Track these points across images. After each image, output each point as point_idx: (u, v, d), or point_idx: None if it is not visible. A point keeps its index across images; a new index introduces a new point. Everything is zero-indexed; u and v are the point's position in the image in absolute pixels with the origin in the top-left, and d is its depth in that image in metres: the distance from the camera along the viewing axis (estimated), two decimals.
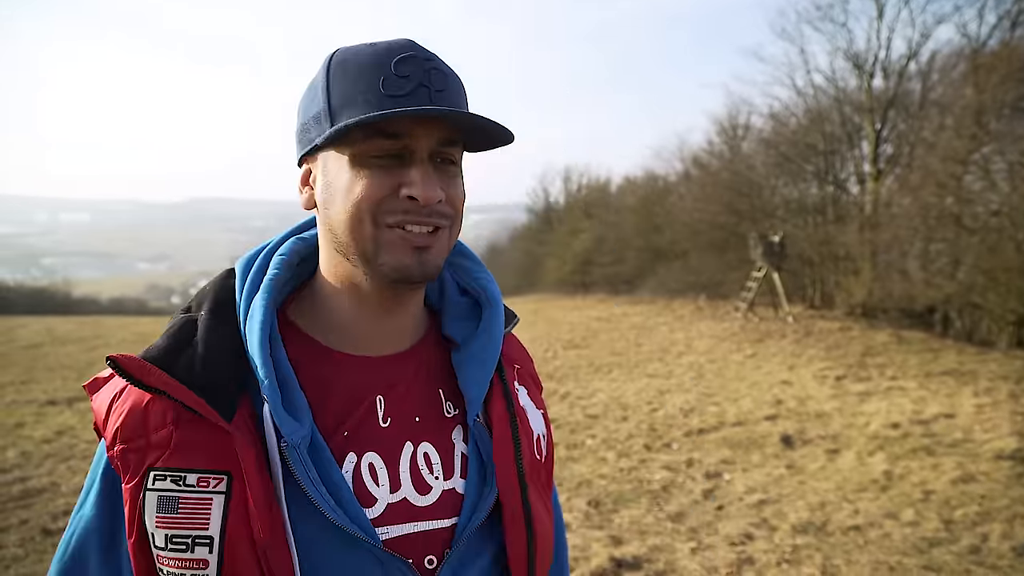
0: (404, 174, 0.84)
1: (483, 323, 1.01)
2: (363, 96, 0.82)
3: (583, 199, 36.64)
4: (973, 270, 12.94)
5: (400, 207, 0.83)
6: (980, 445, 6.08)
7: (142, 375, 0.81)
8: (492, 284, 1.06)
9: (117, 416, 0.83)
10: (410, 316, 0.98)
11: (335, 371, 0.92)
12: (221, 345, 0.86)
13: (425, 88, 0.83)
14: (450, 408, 0.97)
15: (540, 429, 1.05)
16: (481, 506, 0.91)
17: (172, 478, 0.80)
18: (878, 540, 4.33)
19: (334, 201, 0.86)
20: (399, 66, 0.83)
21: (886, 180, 17.67)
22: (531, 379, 1.11)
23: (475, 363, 0.97)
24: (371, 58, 0.84)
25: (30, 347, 13.22)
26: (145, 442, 0.81)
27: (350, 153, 0.84)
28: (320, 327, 0.95)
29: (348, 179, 0.84)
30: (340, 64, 0.86)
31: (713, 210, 20.77)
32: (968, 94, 14.18)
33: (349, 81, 0.84)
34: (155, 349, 0.85)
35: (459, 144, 0.88)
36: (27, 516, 4.75)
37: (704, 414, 7.42)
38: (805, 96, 20.31)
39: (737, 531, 4.50)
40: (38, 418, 7.48)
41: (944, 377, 8.91)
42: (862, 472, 5.57)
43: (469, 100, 0.92)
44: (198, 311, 0.91)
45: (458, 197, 0.89)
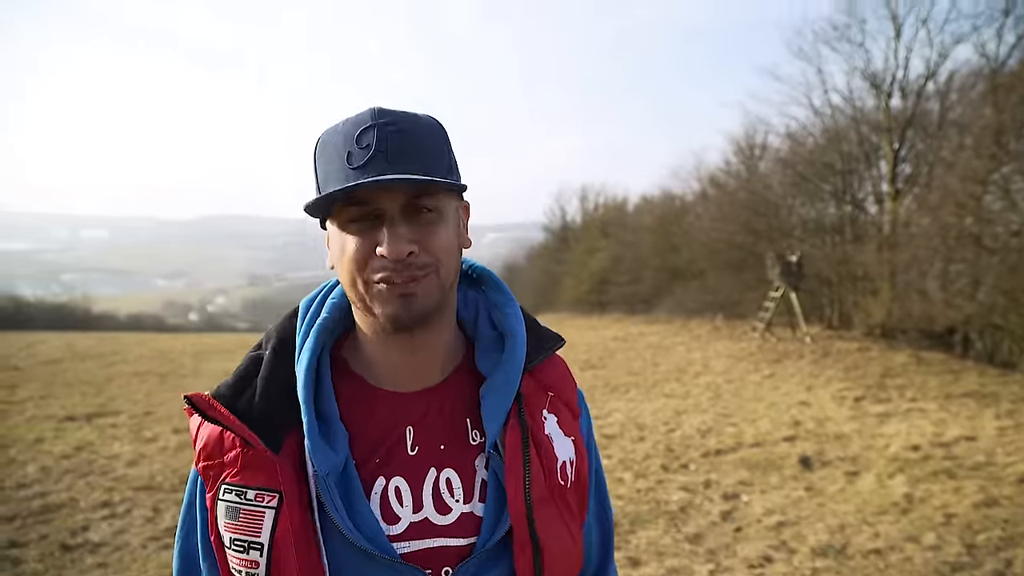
0: (378, 233, 0.93)
1: (504, 356, 1.08)
2: (336, 173, 0.93)
3: (600, 218, 36.65)
4: (994, 291, 12.81)
5: (378, 264, 0.93)
6: (1003, 468, 6.01)
7: (208, 410, 0.97)
8: (515, 317, 1.12)
9: (201, 439, 0.99)
10: (434, 353, 1.06)
11: (374, 405, 1.03)
12: (278, 383, 0.99)
13: (381, 154, 0.91)
14: (475, 436, 1.05)
15: (567, 455, 1.09)
16: (498, 530, 0.99)
17: (236, 492, 0.95)
18: (899, 564, 4.28)
19: (336, 264, 0.99)
20: (360, 138, 0.92)
21: (904, 200, 17.56)
22: (565, 406, 1.14)
23: (495, 395, 1.04)
24: (340, 136, 0.94)
25: (50, 362, 13.33)
26: (220, 461, 0.97)
27: (337, 222, 0.96)
28: (363, 365, 1.06)
29: (338, 245, 0.96)
30: (321, 147, 0.98)
31: (730, 230, 20.71)
32: (987, 114, 14.09)
33: (326, 159, 0.96)
34: (223, 386, 1.01)
35: (432, 192, 0.95)
36: (47, 531, 4.78)
37: (722, 435, 7.37)
38: (822, 116, 20.24)
39: (756, 553, 4.46)
40: (57, 433, 7.53)
41: (965, 399, 8.81)
42: (882, 495, 5.51)
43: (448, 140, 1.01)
44: (265, 349, 1.06)
45: (437, 244, 0.95)
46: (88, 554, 4.45)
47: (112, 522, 4.99)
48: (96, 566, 4.28)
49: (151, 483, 5.85)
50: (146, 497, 5.52)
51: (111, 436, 7.46)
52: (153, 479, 5.95)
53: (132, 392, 10.17)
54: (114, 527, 4.89)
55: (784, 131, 22.21)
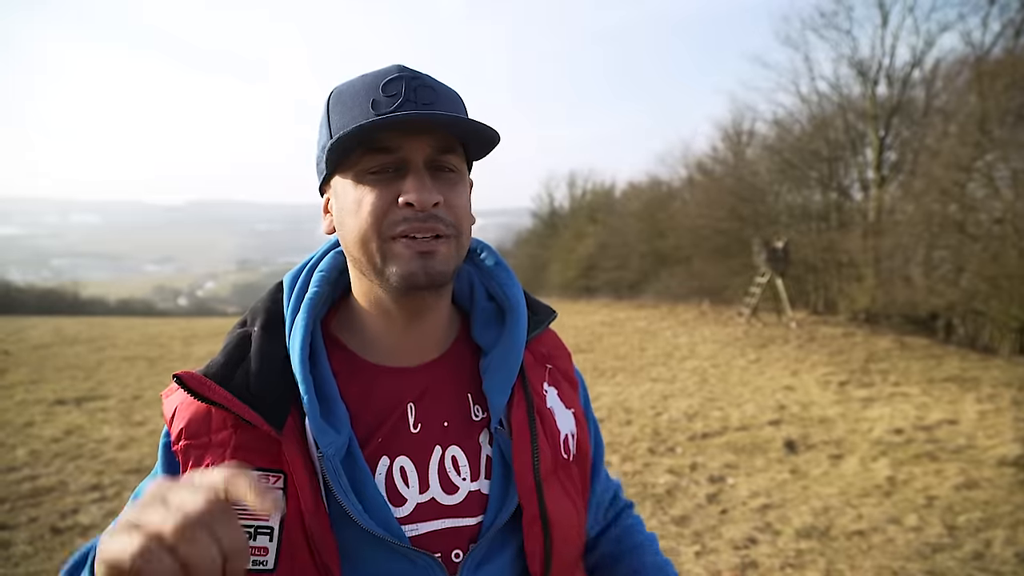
0: (401, 184, 0.89)
1: (506, 330, 1.05)
2: (355, 121, 0.88)
3: (588, 204, 36.66)
4: (976, 277, 12.95)
5: (400, 216, 0.88)
6: (983, 451, 6.10)
7: (202, 390, 0.89)
8: (514, 289, 1.10)
9: (183, 418, 0.92)
10: (435, 326, 1.03)
11: (372, 382, 0.99)
12: (272, 360, 0.93)
13: (411, 103, 0.88)
14: (478, 412, 1.02)
15: (569, 428, 1.09)
16: (506, 507, 0.97)
17: None
18: (881, 545, 4.35)
19: (345, 222, 0.92)
20: (387, 87, 0.89)
21: (889, 187, 17.69)
22: (564, 377, 1.14)
23: (498, 370, 1.02)
24: (362, 86, 0.91)
25: (39, 347, 13.27)
26: (207, 440, 0.90)
27: (352, 173, 0.90)
28: (357, 341, 1.02)
29: (353, 198, 0.90)
30: (337, 97, 0.93)
31: (717, 216, 20.81)
32: (972, 102, 14.20)
33: (344, 110, 0.91)
34: (214, 365, 0.93)
35: (456, 151, 0.92)
36: (36, 514, 4.79)
37: (708, 419, 7.44)
38: (809, 103, 20.38)
39: (741, 535, 4.52)
40: (47, 417, 7.52)
41: (947, 383, 8.92)
42: (865, 477, 5.59)
43: (468, 109, 0.97)
44: (252, 326, 1.00)
45: (459, 204, 0.93)
46: (78, 537, 4.46)
47: (102, 505, 5.00)
48: None
49: (140, 466, 5.86)
50: (136, 480, 5.52)
51: (101, 420, 7.46)
52: (143, 462, 5.96)
53: (122, 376, 10.15)
54: (104, 510, 4.90)
55: (771, 118, 22.36)
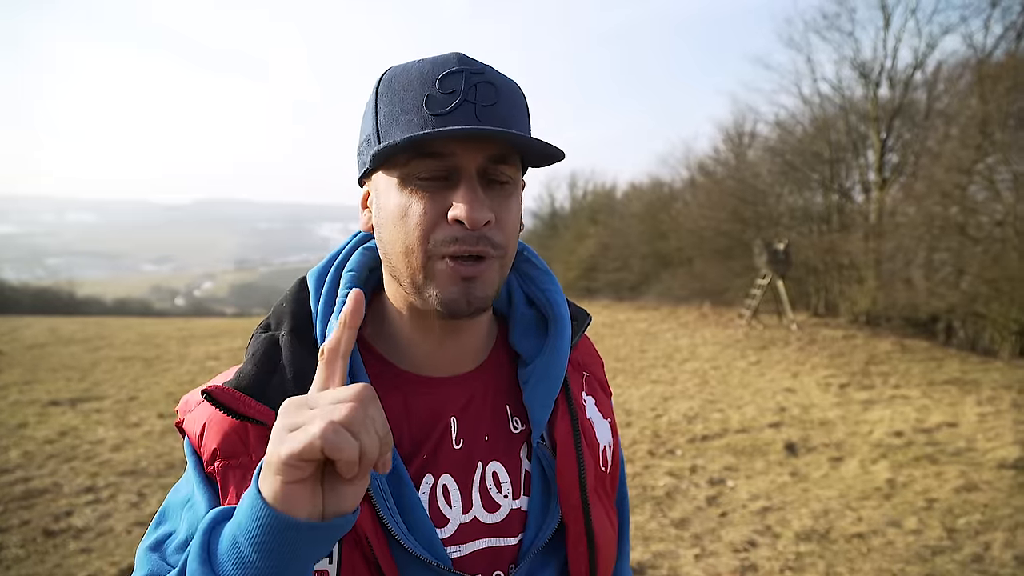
0: (451, 195, 0.81)
1: (549, 340, 0.99)
2: (406, 116, 0.80)
3: (589, 205, 36.62)
4: (977, 280, 12.92)
5: (450, 234, 0.80)
6: (983, 454, 6.07)
7: (236, 406, 0.82)
8: (558, 296, 1.03)
9: (215, 435, 0.85)
10: (475, 337, 0.96)
11: (410, 395, 0.91)
12: (307, 370, 0.85)
13: (470, 104, 0.80)
14: (517, 424, 0.96)
15: (606, 440, 1.04)
16: (546, 526, 0.92)
17: None
18: (881, 548, 4.32)
19: (387, 228, 0.85)
20: (444, 82, 0.80)
21: (891, 189, 17.67)
22: (600, 386, 1.10)
23: (540, 382, 0.95)
24: (417, 76, 0.82)
25: (34, 347, 13.23)
26: (248, 460, 0.83)
27: (397, 175, 0.82)
28: (391, 348, 0.94)
29: (397, 204, 0.82)
30: (388, 83, 0.84)
31: (718, 217, 20.80)
32: (973, 104, 14.19)
33: (395, 100, 0.82)
34: (245, 377, 0.85)
35: (511, 161, 0.84)
36: (29, 517, 4.76)
37: (708, 421, 7.41)
38: (811, 104, 20.35)
39: (741, 538, 4.49)
40: (41, 418, 7.49)
41: (947, 386, 8.89)
42: (865, 480, 5.56)
43: (528, 104, 0.89)
44: (279, 330, 0.91)
45: (510, 221, 0.85)
46: (71, 539, 4.43)
47: (96, 507, 4.96)
48: (79, 551, 4.26)
49: (136, 468, 5.83)
50: (131, 482, 5.49)
51: (95, 421, 7.42)
52: (138, 464, 5.93)
53: (117, 377, 10.12)
54: (98, 512, 4.87)
55: (773, 120, 22.32)
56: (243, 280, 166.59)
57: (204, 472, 0.86)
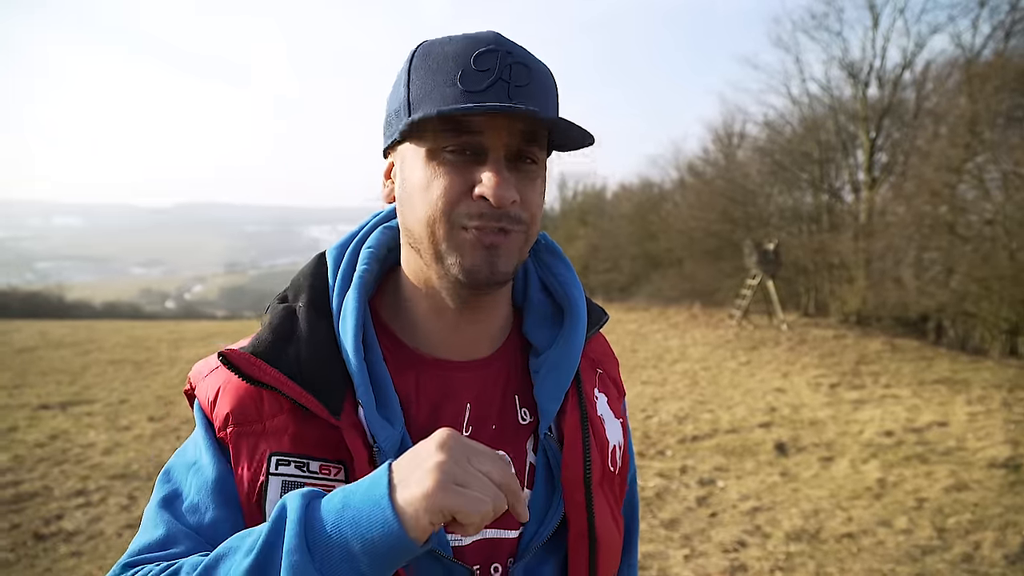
0: (478, 172, 0.82)
1: (564, 331, 0.99)
2: (440, 91, 0.81)
3: (578, 206, 36.63)
4: (966, 279, 12.98)
5: (474, 209, 0.81)
6: (973, 453, 6.10)
7: (252, 371, 0.83)
8: (576, 287, 1.03)
9: (229, 400, 0.85)
10: (491, 322, 0.96)
11: (424, 375, 0.92)
12: (323, 341, 0.86)
13: (504, 83, 0.81)
14: (525, 415, 0.95)
15: (617, 439, 1.03)
16: (548, 522, 0.91)
17: (296, 463, 0.82)
18: (871, 548, 4.33)
19: (411, 198, 0.85)
20: (479, 60, 0.81)
21: (880, 189, 17.75)
22: (613, 384, 1.09)
23: (552, 373, 0.95)
24: (453, 51, 0.82)
25: (23, 351, 13.15)
26: (261, 427, 0.84)
27: (426, 148, 0.83)
28: (406, 328, 0.94)
29: (423, 176, 0.83)
30: (423, 57, 0.85)
31: (708, 218, 20.83)
32: (962, 103, 14.26)
33: (429, 74, 0.83)
34: (263, 343, 0.85)
35: (540, 142, 0.85)
36: (19, 520, 4.73)
37: (698, 421, 7.42)
38: (800, 105, 20.42)
39: (730, 538, 4.50)
40: (31, 422, 7.44)
41: (937, 385, 8.93)
42: (856, 480, 5.58)
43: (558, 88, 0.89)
44: (295, 301, 0.92)
45: (535, 201, 0.86)
46: (62, 543, 4.41)
47: (87, 510, 4.94)
48: (70, 555, 4.24)
49: (126, 471, 5.80)
50: (121, 485, 5.47)
51: (86, 424, 7.38)
52: (129, 467, 5.90)
53: (108, 380, 10.07)
54: (89, 515, 4.85)
55: (762, 120, 22.38)
56: (233, 283, 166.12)
57: (215, 437, 0.86)
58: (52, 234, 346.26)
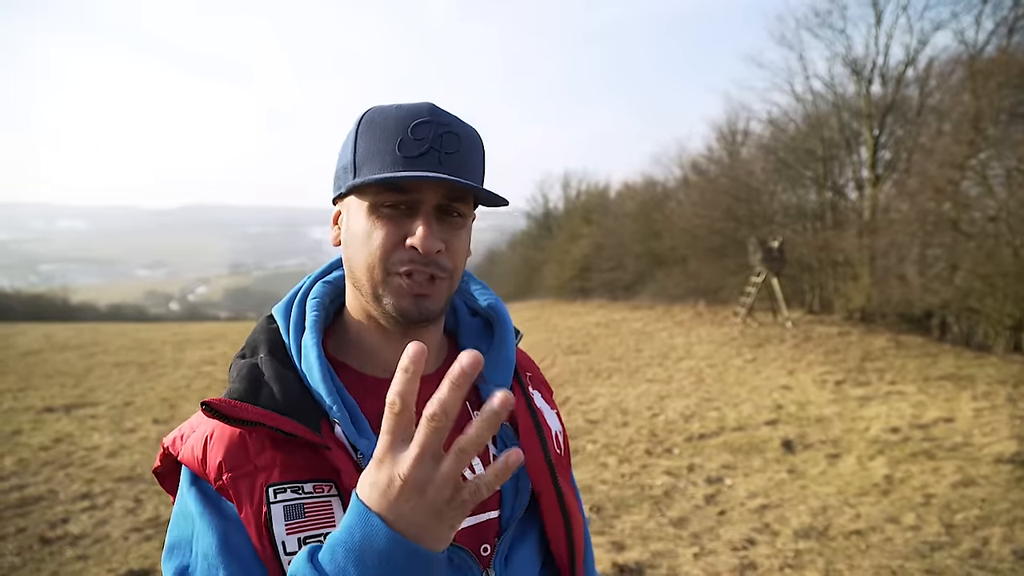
0: (410, 224, 0.94)
1: (496, 336, 1.13)
2: (380, 156, 0.93)
3: (582, 205, 36.64)
4: (971, 275, 12.94)
5: (406, 256, 0.93)
6: (980, 449, 6.08)
7: (237, 413, 0.89)
8: (499, 303, 1.18)
9: (218, 451, 0.91)
10: (432, 343, 1.06)
11: (380, 395, 0.96)
12: (291, 380, 0.95)
13: (436, 151, 0.93)
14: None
15: (556, 427, 1.16)
16: (520, 497, 1.03)
17: (292, 488, 0.89)
18: (880, 544, 4.32)
19: (353, 245, 0.97)
20: (415, 130, 0.93)
21: (884, 186, 17.69)
22: (542, 384, 1.23)
23: (495, 372, 1.08)
24: (394, 121, 0.94)
25: (28, 354, 13.19)
26: (252, 467, 0.90)
27: (367, 203, 0.94)
28: (357, 357, 1.04)
29: (364, 227, 0.95)
30: (368, 123, 0.96)
31: (712, 216, 20.79)
32: (966, 100, 14.20)
33: (373, 139, 0.95)
34: (237, 391, 0.93)
35: (465, 199, 0.97)
36: (25, 524, 4.74)
37: (705, 419, 7.41)
38: (804, 102, 20.35)
39: (739, 536, 4.49)
40: (35, 425, 7.46)
41: (943, 382, 8.91)
42: (863, 476, 5.56)
43: (485, 150, 1.03)
44: (254, 356, 1.01)
45: (459, 250, 0.98)
46: (68, 546, 4.41)
47: (92, 514, 4.94)
48: (76, 558, 4.24)
49: (132, 474, 5.81)
50: (127, 488, 5.47)
51: (91, 427, 7.39)
52: (134, 470, 5.91)
53: (112, 383, 10.09)
54: (94, 519, 4.85)
55: (766, 117, 22.32)
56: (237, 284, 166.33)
57: (210, 493, 0.91)
58: (56, 237, 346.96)
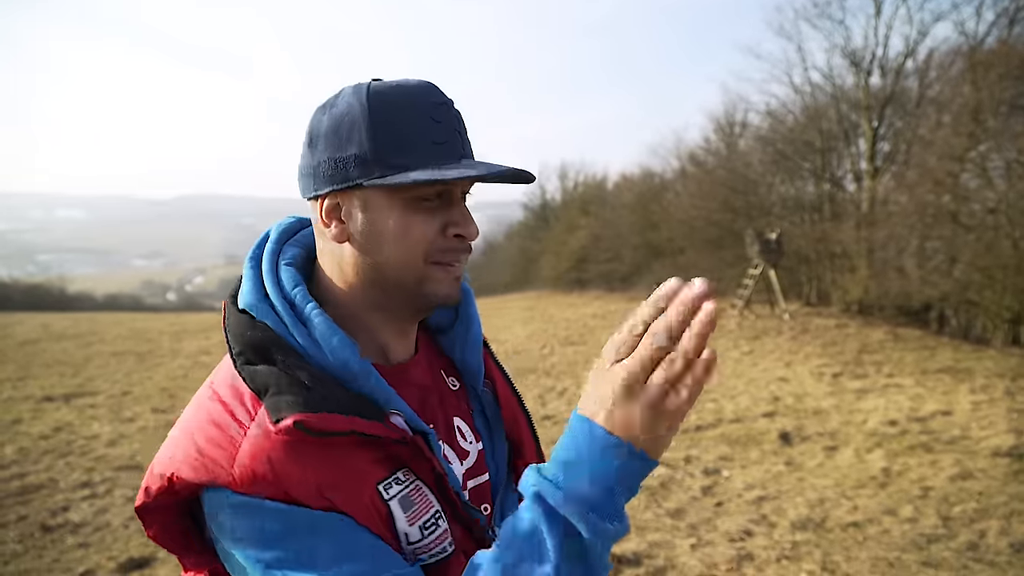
0: (447, 214, 0.93)
1: (462, 308, 1.14)
2: (413, 147, 0.88)
3: (580, 196, 36.61)
4: (969, 268, 12.96)
5: (448, 245, 0.93)
6: (977, 442, 6.10)
7: (328, 426, 0.81)
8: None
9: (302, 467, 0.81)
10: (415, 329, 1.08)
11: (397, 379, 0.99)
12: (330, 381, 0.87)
13: (458, 135, 0.92)
14: (454, 383, 1.12)
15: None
16: (500, 460, 1.12)
17: (394, 480, 0.89)
18: (877, 536, 4.34)
19: (383, 242, 0.91)
20: (436, 113, 0.90)
21: (883, 178, 17.70)
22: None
23: (466, 340, 1.13)
24: (411, 105, 0.89)
25: (26, 343, 13.19)
26: (349, 473, 0.85)
27: (404, 197, 0.90)
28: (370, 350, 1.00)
29: (400, 222, 0.90)
30: (382, 107, 0.89)
31: (710, 207, 20.78)
32: (965, 92, 14.19)
33: (395, 126, 0.88)
34: (302, 401, 0.81)
35: None
36: (25, 512, 4.75)
37: (702, 411, 7.42)
38: (802, 93, 20.33)
39: (736, 527, 4.50)
40: (35, 414, 7.46)
41: (940, 374, 8.93)
42: (860, 469, 5.58)
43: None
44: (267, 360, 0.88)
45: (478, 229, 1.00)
46: (68, 534, 4.42)
47: (93, 502, 4.95)
48: (77, 546, 4.25)
49: (132, 462, 5.82)
50: (127, 477, 5.48)
51: (90, 416, 7.40)
52: (133, 458, 5.92)
53: (110, 372, 10.09)
54: (95, 507, 4.86)
55: (764, 109, 22.30)
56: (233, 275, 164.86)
57: (320, 510, 0.82)
58: (54, 226, 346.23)
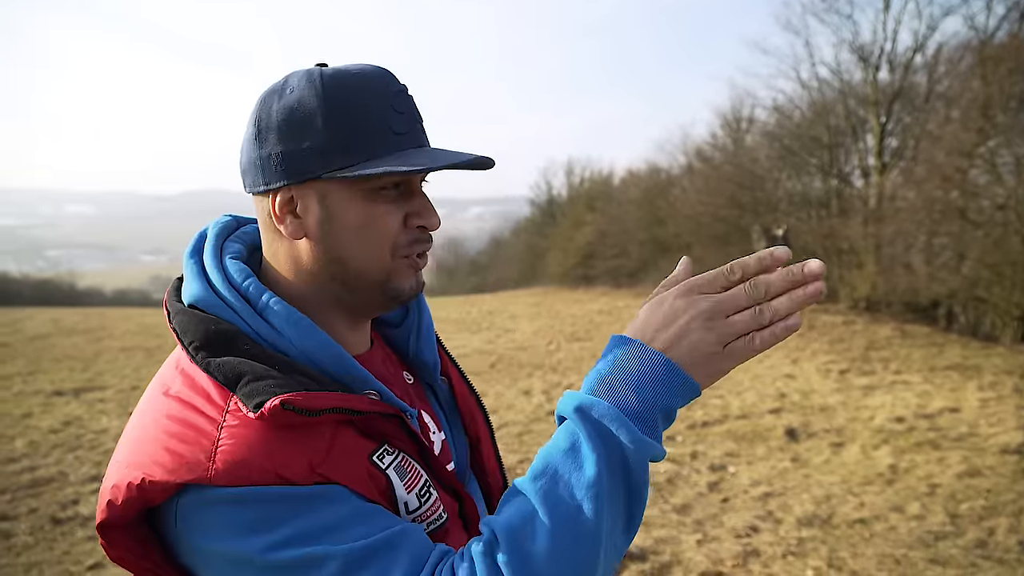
0: (408, 204, 0.91)
1: (413, 304, 1.13)
2: (372, 137, 0.85)
3: (586, 192, 36.52)
4: (978, 264, 12.89)
5: (412, 237, 0.92)
6: (985, 439, 6.09)
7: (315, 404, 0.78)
8: None
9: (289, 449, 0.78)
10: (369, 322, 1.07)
11: None
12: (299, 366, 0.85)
13: (417, 124, 0.91)
14: (409, 377, 1.11)
15: None
16: (459, 449, 1.13)
17: (386, 451, 0.88)
18: (884, 533, 4.34)
19: (346, 236, 0.88)
20: (396, 102, 0.88)
21: (891, 174, 17.60)
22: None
23: (419, 334, 1.13)
24: (370, 94, 0.86)
25: (36, 338, 13.24)
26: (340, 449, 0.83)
27: (364, 188, 0.87)
28: None
29: (363, 215, 0.88)
30: (339, 95, 0.85)
31: (716, 203, 20.70)
32: (975, 87, 14.10)
33: (352, 117, 0.85)
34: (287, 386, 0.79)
35: None
36: (36, 505, 4.79)
37: (708, 407, 7.42)
38: (809, 89, 20.22)
39: (743, 523, 4.51)
40: (45, 408, 7.51)
41: (948, 371, 8.90)
42: (867, 466, 5.58)
43: None
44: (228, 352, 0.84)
45: None
46: (79, 527, 4.46)
47: None
48: (87, 539, 4.28)
49: None
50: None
51: (99, 411, 7.44)
52: None
53: (119, 367, 10.13)
54: None
55: (771, 104, 22.21)
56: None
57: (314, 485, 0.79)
58: (63, 222, 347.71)
